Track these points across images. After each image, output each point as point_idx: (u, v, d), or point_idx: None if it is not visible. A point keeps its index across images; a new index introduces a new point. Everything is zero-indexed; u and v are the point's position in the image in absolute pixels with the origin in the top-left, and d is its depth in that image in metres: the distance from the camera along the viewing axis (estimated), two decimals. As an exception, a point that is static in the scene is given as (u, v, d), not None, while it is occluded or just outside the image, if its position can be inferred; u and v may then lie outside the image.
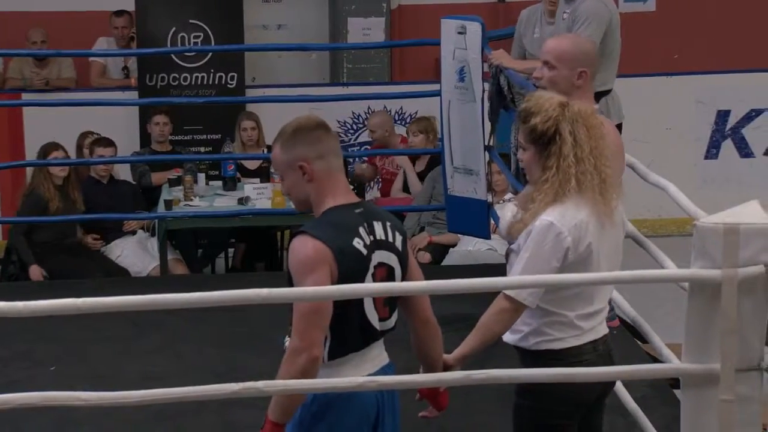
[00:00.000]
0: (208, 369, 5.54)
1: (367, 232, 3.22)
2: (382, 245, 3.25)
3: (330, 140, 3.27)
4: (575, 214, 3.39)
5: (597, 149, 3.41)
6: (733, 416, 2.89)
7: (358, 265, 3.18)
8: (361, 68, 9.99)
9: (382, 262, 3.24)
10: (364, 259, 3.20)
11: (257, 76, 9.87)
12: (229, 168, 7.98)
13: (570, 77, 4.04)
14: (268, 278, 7.51)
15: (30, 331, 5.88)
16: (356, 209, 3.26)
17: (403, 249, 3.31)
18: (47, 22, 9.45)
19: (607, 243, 3.45)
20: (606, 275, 3.36)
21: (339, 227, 3.20)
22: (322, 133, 3.26)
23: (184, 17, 9.17)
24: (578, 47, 4.13)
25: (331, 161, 3.25)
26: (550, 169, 3.41)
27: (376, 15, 9.99)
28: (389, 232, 3.28)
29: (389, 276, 3.25)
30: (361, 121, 9.54)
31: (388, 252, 3.27)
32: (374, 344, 3.30)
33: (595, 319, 3.51)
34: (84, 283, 7.07)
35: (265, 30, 10.22)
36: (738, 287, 2.82)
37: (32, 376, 5.58)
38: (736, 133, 9.75)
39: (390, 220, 3.33)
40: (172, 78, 9.17)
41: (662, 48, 10.04)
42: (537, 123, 3.42)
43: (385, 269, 3.25)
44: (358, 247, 3.19)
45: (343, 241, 3.17)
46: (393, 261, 3.28)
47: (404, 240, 3.33)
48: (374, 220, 3.26)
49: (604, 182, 3.41)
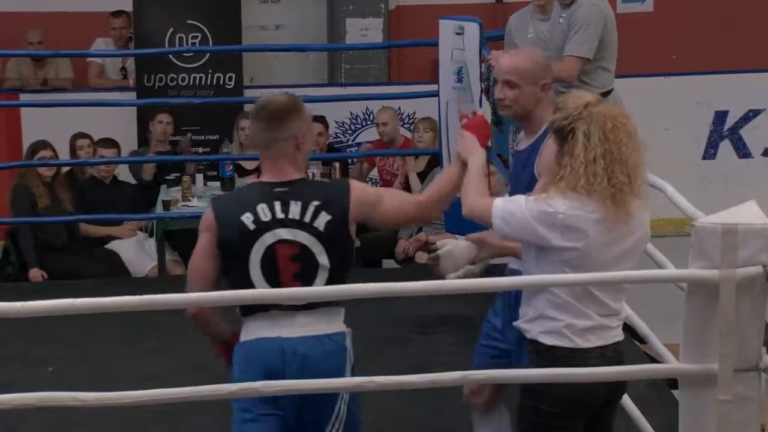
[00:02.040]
0: (206, 369, 5.52)
1: (271, 210, 3.51)
2: (291, 224, 3.50)
3: (257, 135, 3.62)
4: (578, 206, 3.37)
5: (612, 154, 3.36)
6: (731, 416, 2.90)
7: (240, 237, 3.49)
8: (359, 69, 9.98)
9: (284, 239, 3.49)
10: (249, 233, 3.49)
11: (255, 77, 9.86)
12: (227, 168, 7.98)
13: (534, 92, 4.05)
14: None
15: (28, 331, 5.88)
16: (278, 188, 3.54)
17: (327, 228, 3.51)
18: (45, 22, 9.44)
19: (615, 248, 3.41)
20: (604, 275, 3.36)
21: (242, 200, 3.57)
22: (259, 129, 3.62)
23: (181, 18, 9.16)
24: (536, 61, 4.11)
25: (263, 152, 3.61)
26: (564, 167, 3.40)
27: (374, 15, 9.99)
28: (309, 212, 3.52)
29: (302, 252, 3.49)
30: (359, 122, 9.54)
31: (301, 230, 3.50)
32: (276, 312, 3.48)
33: (602, 324, 3.47)
34: (82, 284, 7.07)
35: (263, 30, 10.22)
36: (736, 287, 2.82)
37: (30, 376, 5.58)
38: (734, 134, 9.75)
39: (321, 198, 3.53)
40: (170, 78, 9.16)
41: (660, 48, 10.04)
42: (557, 118, 3.44)
43: (293, 246, 3.49)
44: (245, 222, 3.50)
45: (233, 212, 3.52)
46: (305, 239, 3.50)
47: (335, 218, 3.52)
48: (293, 200, 3.52)
49: (614, 187, 3.36)
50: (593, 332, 3.44)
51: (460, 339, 5.85)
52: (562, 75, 5.93)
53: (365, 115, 9.45)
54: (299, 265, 3.51)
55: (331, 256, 3.52)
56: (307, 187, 3.61)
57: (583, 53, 5.92)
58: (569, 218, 3.36)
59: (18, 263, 7.61)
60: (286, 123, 3.61)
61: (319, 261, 3.52)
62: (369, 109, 9.28)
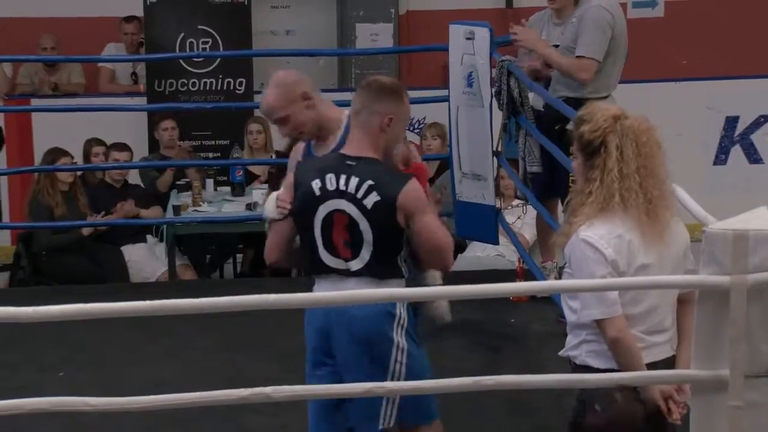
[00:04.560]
0: (217, 374, 5.54)
1: (336, 180, 3.81)
2: (346, 196, 3.79)
3: (356, 98, 3.89)
4: (616, 228, 3.36)
5: (646, 168, 3.34)
6: (742, 422, 2.89)
7: (307, 198, 3.84)
8: (369, 74, 9.95)
9: (341, 210, 3.80)
10: (315, 198, 3.83)
11: (265, 82, 9.78)
12: (238, 174, 8.00)
13: (301, 107, 4.11)
14: (276, 284, 7.51)
15: (39, 336, 5.89)
16: (348, 161, 3.83)
17: (374, 208, 3.77)
18: (58, 27, 9.47)
19: (656, 264, 3.40)
20: (614, 281, 3.35)
21: (315, 167, 3.91)
22: (357, 91, 3.94)
23: (192, 23, 9.18)
24: (281, 84, 4.19)
25: (351, 117, 3.90)
26: (593, 181, 3.36)
27: (384, 21, 10.00)
28: (363, 190, 3.78)
29: (350, 223, 3.79)
30: (369, 127, 9.54)
31: (352, 204, 3.79)
32: (336, 277, 3.83)
33: (649, 342, 3.45)
34: (93, 288, 7.09)
35: (273, 36, 10.24)
36: (747, 293, 2.81)
37: (41, 381, 5.59)
38: (745, 139, 9.73)
39: (376, 179, 3.78)
40: (180, 84, 9.18)
41: (671, 54, 10.04)
42: (585, 131, 3.38)
43: (346, 217, 3.80)
44: (313, 187, 3.83)
45: (307, 177, 3.87)
46: (354, 213, 3.79)
47: (382, 202, 3.76)
48: (354, 175, 3.79)
49: (650, 202, 3.35)
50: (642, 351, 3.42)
51: (470, 344, 5.85)
52: (576, 74, 5.93)
53: (375, 120, 9.45)
54: (349, 235, 3.80)
55: (375, 233, 3.78)
56: (372, 166, 3.83)
57: (591, 54, 5.91)
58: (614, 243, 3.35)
59: (30, 267, 7.64)
60: (383, 99, 3.86)
61: (364, 235, 3.78)
62: (379, 114, 9.28)
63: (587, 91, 5.92)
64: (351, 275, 3.82)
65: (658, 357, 3.47)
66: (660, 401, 3.45)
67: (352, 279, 3.82)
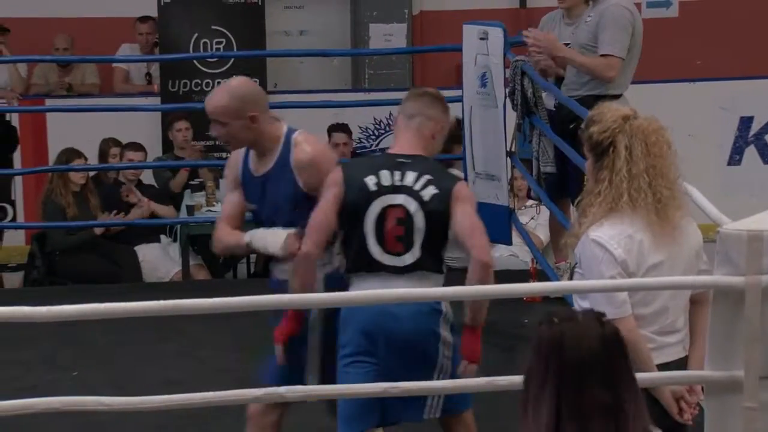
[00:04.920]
0: (230, 374, 5.54)
1: (391, 176, 3.95)
2: (403, 190, 3.94)
3: (411, 105, 4.09)
4: (625, 229, 3.35)
5: (655, 168, 3.34)
6: (756, 423, 2.88)
7: (361, 196, 3.94)
8: (382, 74, 9.99)
9: (399, 204, 3.93)
10: (370, 193, 3.94)
11: (279, 82, 9.88)
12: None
13: (244, 125, 4.08)
14: (290, 284, 7.52)
15: (53, 335, 5.91)
16: (400, 159, 4.00)
17: (431, 200, 3.92)
18: (72, 27, 9.49)
19: (666, 264, 3.39)
20: (628, 282, 3.34)
21: (367, 165, 4.11)
22: (411, 98, 4.15)
23: (206, 23, 9.19)
24: (237, 97, 4.11)
25: (403, 120, 4.09)
26: (602, 182, 3.36)
27: (397, 21, 9.99)
28: (421, 183, 3.94)
29: (406, 216, 3.92)
30: (382, 127, 9.54)
31: (410, 198, 3.93)
32: (385, 275, 3.91)
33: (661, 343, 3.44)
34: (107, 288, 7.10)
35: (287, 36, 10.24)
36: (762, 294, 2.80)
37: (55, 380, 5.61)
38: (759, 140, 9.70)
39: (433, 174, 3.97)
40: (194, 84, 9.19)
41: (685, 54, 10.01)
42: (594, 132, 3.38)
43: (403, 210, 3.93)
44: (368, 183, 3.94)
45: (358, 174, 3.98)
46: (412, 206, 3.92)
47: (440, 194, 3.93)
48: (410, 170, 3.96)
49: (659, 202, 3.34)
50: (653, 352, 3.41)
51: (483, 344, 5.84)
52: (603, 73, 5.90)
53: (389, 121, 9.44)
54: (402, 229, 3.93)
55: (429, 224, 3.92)
56: (426, 163, 4.04)
57: (617, 52, 5.88)
58: (624, 243, 3.34)
59: (44, 267, 7.66)
60: (437, 107, 4.11)
61: (417, 226, 3.92)
62: (392, 115, 9.27)
63: (601, 90, 5.91)
64: (400, 272, 3.92)
65: (670, 358, 3.46)
66: (671, 402, 3.44)
67: (402, 277, 3.91)
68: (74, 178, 7.70)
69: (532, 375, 2.32)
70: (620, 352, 2.33)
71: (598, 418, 2.26)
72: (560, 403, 2.27)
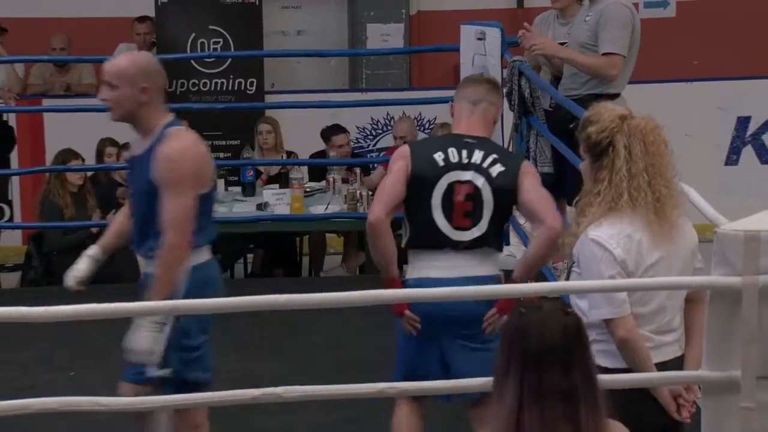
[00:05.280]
0: (228, 375, 5.54)
1: (458, 153, 4.15)
2: (471, 167, 4.14)
3: (475, 91, 4.31)
4: (624, 228, 3.36)
5: (653, 167, 3.35)
6: (753, 424, 2.88)
7: (430, 170, 4.13)
8: (380, 74, 9.99)
9: (468, 180, 4.13)
10: (438, 168, 4.13)
11: (276, 82, 9.88)
12: (248, 174, 8.00)
13: (133, 95, 4.10)
14: (287, 284, 7.52)
15: (50, 335, 5.91)
16: (467, 139, 4.20)
17: (498, 177, 4.13)
18: (69, 27, 9.49)
19: (664, 263, 3.40)
20: (626, 282, 3.34)
21: (434, 142, 4.50)
22: (473, 85, 4.39)
23: (203, 23, 9.20)
24: (136, 64, 4.14)
25: (468, 105, 4.29)
26: (602, 181, 3.37)
27: (395, 21, 9.99)
28: (488, 161, 4.15)
29: (475, 192, 4.13)
30: (380, 127, 9.55)
31: (478, 174, 4.14)
32: (450, 252, 4.12)
33: (658, 342, 3.44)
34: (104, 288, 7.08)
35: (284, 36, 10.24)
36: (759, 295, 2.80)
37: (52, 380, 5.61)
38: (757, 140, 9.71)
39: (499, 153, 4.20)
40: (191, 84, 9.20)
41: (682, 54, 10.02)
42: (592, 132, 3.39)
43: (471, 186, 4.14)
44: (436, 159, 4.14)
45: (426, 150, 4.19)
46: (480, 182, 4.14)
47: (507, 172, 4.14)
48: (477, 149, 4.17)
49: (658, 201, 3.35)
50: (651, 351, 3.42)
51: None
52: (605, 72, 5.89)
53: (386, 121, 9.46)
54: (470, 205, 4.14)
55: (497, 200, 4.14)
56: (491, 144, 4.28)
57: (618, 50, 5.87)
58: (623, 243, 3.35)
59: (41, 267, 7.65)
60: (496, 93, 4.38)
61: (486, 202, 4.13)
62: (390, 115, 9.29)
63: (601, 89, 5.90)
64: (465, 248, 4.13)
65: (668, 357, 3.47)
66: (669, 400, 3.45)
67: (467, 254, 4.14)
68: (71, 179, 7.71)
69: (499, 362, 2.45)
70: (580, 341, 2.45)
71: (556, 403, 2.38)
72: (522, 387, 2.39)
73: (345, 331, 6.07)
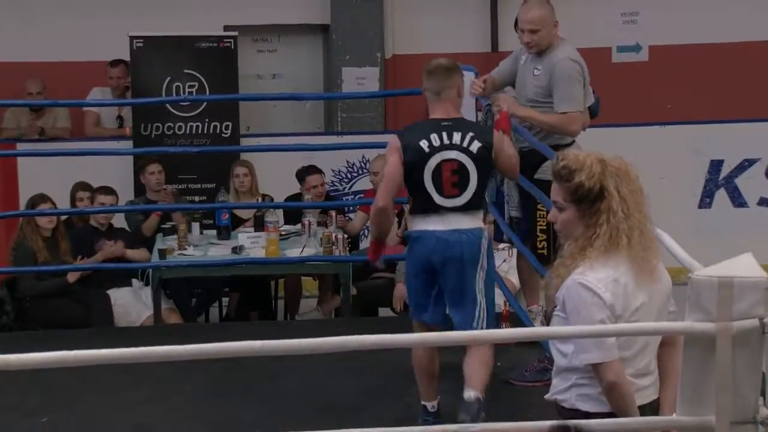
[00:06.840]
0: (202, 419, 5.50)
1: (440, 138, 5.07)
2: (455, 147, 5.08)
3: (435, 83, 5.18)
4: (610, 273, 3.36)
5: (638, 204, 3.38)
6: (729, 469, 2.88)
7: (418, 156, 5.08)
8: (355, 117, 10.01)
9: (451, 158, 5.07)
10: (425, 153, 5.07)
11: (252, 126, 9.89)
12: (224, 217, 7.98)
13: None
14: (262, 327, 7.48)
15: (22, 381, 5.84)
16: (444, 122, 5.11)
17: (478, 152, 5.10)
18: (44, 71, 9.48)
19: (646, 306, 3.40)
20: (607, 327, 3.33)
21: (417, 131, 5.18)
22: (431, 77, 5.21)
23: (178, 67, 9.21)
24: None
25: (433, 96, 5.19)
26: (600, 225, 3.37)
27: (370, 64, 10.04)
28: (467, 139, 5.09)
29: (459, 168, 5.08)
30: (355, 170, 9.56)
31: (461, 153, 5.08)
32: (444, 212, 5.09)
33: (636, 385, 3.42)
34: (77, 333, 7.04)
35: (259, 79, 10.27)
36: (732, 340, 2.81)
37: (24, 427, 5.55)
38: (730, 183, 9.77)
39: (474, 131, 5.15)
40: (166, 127, 9.20)
41: (656, 98, 10.09)
42: (583, 180, 3.38)
43: (456, 163, 5.08)
44: (422, 146, 5.07)
45: (413, 139, 5.11)
46: (463, 158, 5.09)
47: (484, 147, 5.11)
48: (455, 131, 5.09)
49: (643, 236, 3.37)
50: None
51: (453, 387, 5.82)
52: (566, 128, 5.91)
53: (361, 164, 9.47)
54: (457, 177, 5.07)
55: (479, 172, 5.10)
56: (464, 123, 5.24)
57: (575, 108, 5.89)
58: (611, 287, 3.34)
59: (14, 312, 7.60)
60: (452, 75, 5.18)
61: (470, 175, 5.08)
62: (365, 158, 9.30)
63: (554, 139, 5.92)
64: (456, 210, 5.08)
65: (645, 400, 3.46)
66: None
67: (458, 213, 5.09)
68: (42, 223, 7.66)
69: None
70: None
71: None
72: None
73: (321, 374, 6.04)
